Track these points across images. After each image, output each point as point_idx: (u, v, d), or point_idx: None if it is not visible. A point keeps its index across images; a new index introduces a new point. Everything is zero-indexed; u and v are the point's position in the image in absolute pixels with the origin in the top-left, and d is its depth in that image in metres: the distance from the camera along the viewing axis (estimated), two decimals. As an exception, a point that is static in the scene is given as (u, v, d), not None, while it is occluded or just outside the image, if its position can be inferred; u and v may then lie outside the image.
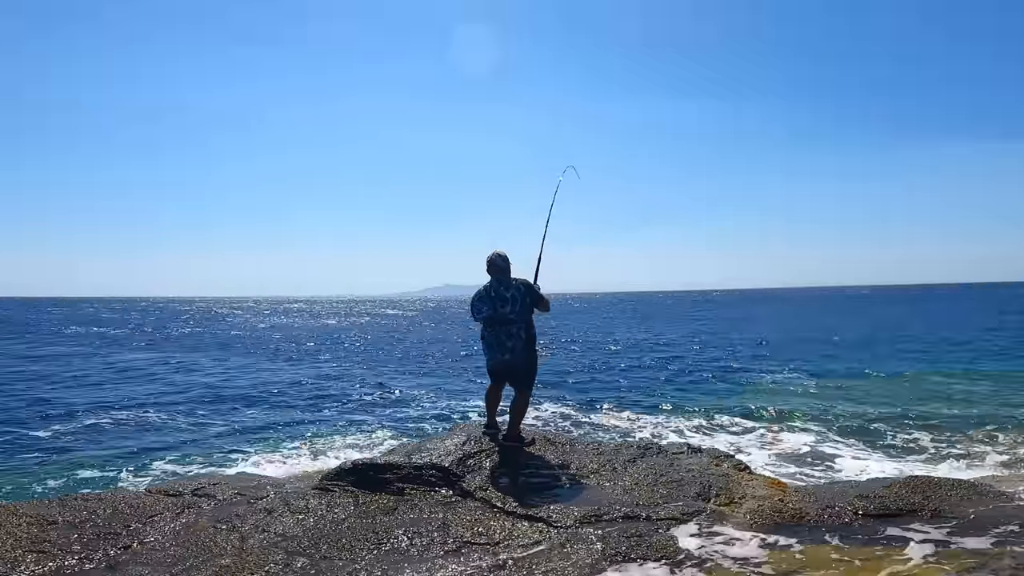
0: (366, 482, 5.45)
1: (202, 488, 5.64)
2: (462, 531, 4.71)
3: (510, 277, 6.17)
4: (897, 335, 36.19)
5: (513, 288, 6.13)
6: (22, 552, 4.35)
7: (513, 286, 6.14)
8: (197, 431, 14.10)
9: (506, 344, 6.14)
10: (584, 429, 13.86)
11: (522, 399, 6.31)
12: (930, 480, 5.68)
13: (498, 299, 6.11)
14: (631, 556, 4.32)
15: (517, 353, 6.18)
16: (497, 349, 6.18)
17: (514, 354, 6.18)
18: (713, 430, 13.56)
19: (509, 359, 6.20)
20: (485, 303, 6.14)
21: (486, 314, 6.14)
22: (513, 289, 6.13)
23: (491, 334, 6.19)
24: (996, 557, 4.10)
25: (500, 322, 6.12)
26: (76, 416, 15.61)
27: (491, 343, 6.21)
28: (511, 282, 6.15)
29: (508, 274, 6.18)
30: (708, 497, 5.34)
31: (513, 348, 6.16)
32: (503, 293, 6.11)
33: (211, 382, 21.95)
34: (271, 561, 4.25)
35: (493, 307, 6.11)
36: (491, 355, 6.25)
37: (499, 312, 6.10)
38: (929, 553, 4.31)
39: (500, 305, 6.10)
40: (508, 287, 6.13)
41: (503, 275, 6.16)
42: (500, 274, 6.17)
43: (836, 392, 18.00)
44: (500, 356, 6.19)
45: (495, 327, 6.15)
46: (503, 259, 6.19)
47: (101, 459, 11.66)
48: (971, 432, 12.48)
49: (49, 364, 27.07)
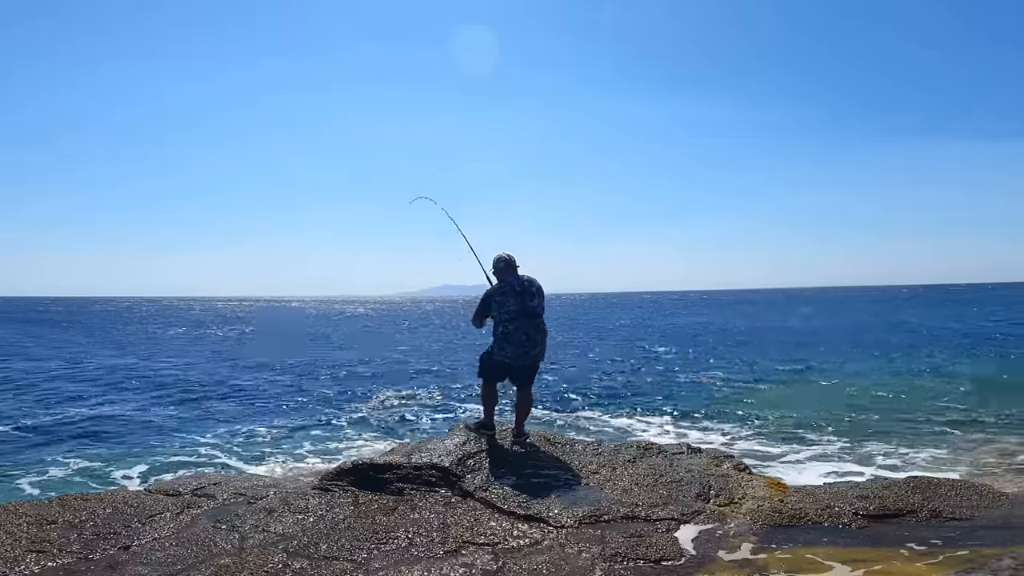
0: (366, 482, 5.45)
1: (202, 488, 5.64)
2: (462, 531, 4.71)
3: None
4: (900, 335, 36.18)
5: (536, 283, 6.14)
6: (22, 552, 4.35)
7: (533, 281, 6.14)
8: (197, 431, 14.09)
9: (535, 339, 6.10)
10: (584, 430, 13.86)
11: (529, 397, 6.35)
12: (929, 481, 5.68)
13: (526, 293, 6.04)
14: (631, 556, 4.32)
15: (543, 348, 6.21)
16: (526, 344, 6.06)
17: (541, 348, 6.20)
18: (713, 430, 13.56)
19: (537, 353, 6.19)
20: (511, 298, 6.02)
21: (514, 309, 6.01)
22: (536, 284, 6.14)
23: (518, 329, 6.02)
24: (996, 557, 4.10)
25: (530, 315, 6.05)
26: (77, 415, 15.61)
27: (518, 339, 6.04)
28: (529, 278, 6.16)
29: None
30: (708, 497, 5.35)
31: (541, 342, 6.17)
32: (528, 287, 6.07)
33: (210, 382, 21.94)
34: (271, 561, 4.25)
35: (522, 301, 6.02)
36: (515, 351, 6.07)
37: (528, 306, 6.03)
38: (929, 553, 4.31)
39: (529, 299, 6.05)
40: (532, 282, 6.12)
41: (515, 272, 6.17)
42: (515, 272, 6.17)
43: (837, 392, 18.00)
44: (528, 351, 6.10)
45: (522, 322, 6.03)
46: (513, 258, 6.20)
47: (101, 459, 11.66)
48: (971, 433, 12.48)
49: (50, 363, 27.09)
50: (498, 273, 6.21)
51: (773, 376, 21.68)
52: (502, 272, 6.18)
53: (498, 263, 6.21)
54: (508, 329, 6.05)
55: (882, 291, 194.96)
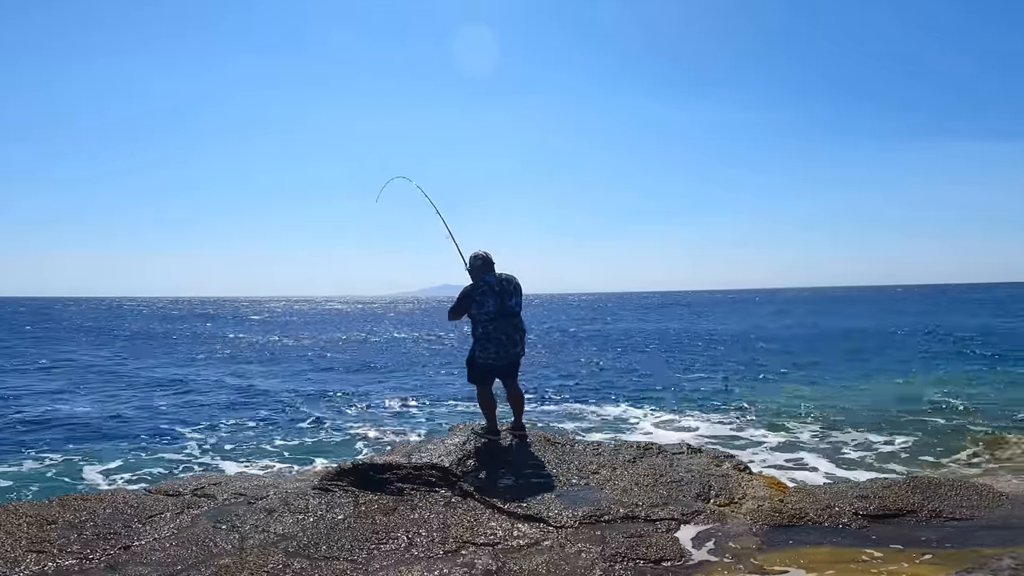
0: (366, 482, 5.45)
1: (202, 488, 5.64)
2: (462, 531, 4.71)
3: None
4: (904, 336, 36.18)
5: (514, 282, 6.16)
6: (22, 552, 4.35)
7: (511, 279, 6.16)
8: (197, 431, 14.09)
9: (515, 337, 6.14)
10: (584, 429, 13.86)
11: (518, 389, 6.41)
12: (930, 480, 5.69)
13: (504, 292, 6.07)
14: (631, 556, 4.32)
15: (523, 345, 6.26)
16: (508, 343, 6.11)
17: (522, 346, 6.24)
18: (713, 430, 13.55)
19: (518, 351, 6.23)
20: (490, 297, 6.03)
21: (493, 309, 6.03)
22: (514, 282, 6.15)
23: (497, 329, 6.06)
24: (996, 557, 4.10)
25: (508, 315, 6.08)
26: (77, 415, 15.62)
27: (499, 338, 6.07)
28: (507, 276, 6.17)
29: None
30: (708, 497, 5.35)
31: (521, 341, 6.21)
32: (507, 286, 6.10)
33: (208, 382, 21.95)
34: (271, 561, 4.25)
35: (500, 300, 6.05)
36: (499, 350, 6.10)
37: (506, 305, 6.06)
38: (929, 553, 4.32)
39: (507, 298, 6.07)
40: (509, 280, 6.14)
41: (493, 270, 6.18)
42: (492, 270, 6.17)
43: (838, 392, 18.00)
44: (511, 350, 6.15)
45: (502, 321, 6.06)
46: (490, 255, 6.22)
47: (101, 459, 11.66)
48: (971, 433, 12.47)
49: (52, 363, 27.09)
50: (475, 271, 6.19)
51: (777, 376, 21.67)
52: (479, 270, 6.16)
53: (475, 261, 6.19)
54: (488, 329, 6.08)
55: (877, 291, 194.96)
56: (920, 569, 4.09)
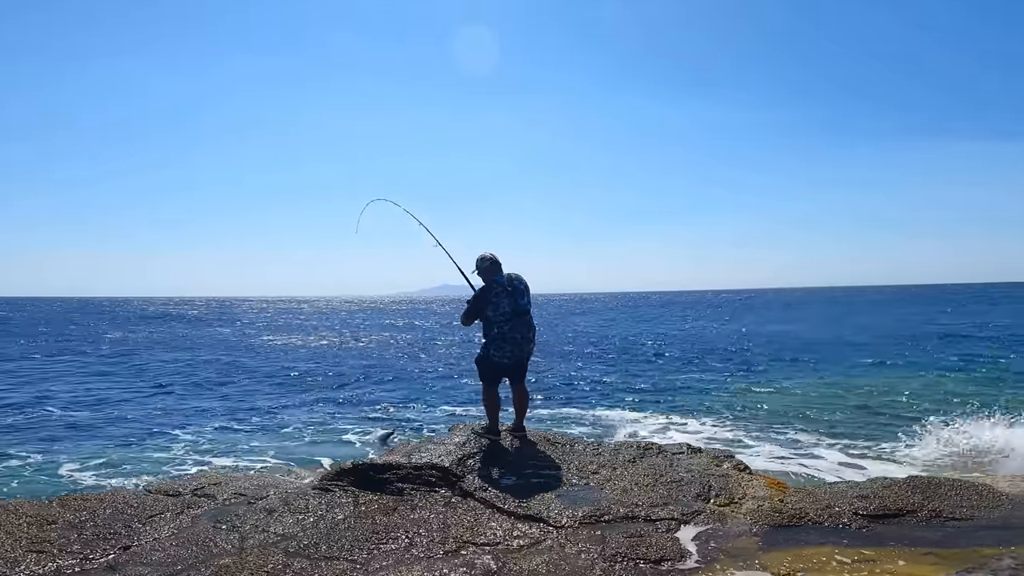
0: (366, 482, 5.45)
1: (202, 488, 5.64)
2: (462, 531, 4.71)
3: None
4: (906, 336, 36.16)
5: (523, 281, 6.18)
6: (22, 552, 4.35)
7: (520, 279, 6.18)
8: (197, 431, 14.09)
9: (528, 336, 6.19)
10: (584, 429, 13.87)
11: (525, 390, 6.43)
12: (930, 480, 5.68)
13: (516, 292, 6.10)
14: (631, 556, 4.32)
15: (535, 343, 6.32)
16: (521, 343, 6.15)
17: (533, 344, 6.30)
18: (713, 430, 13.56)
19: (530, 349, 6.30)
20: (504, 298, 6.05)
21: (508, 309, 6.06)
22: (523, 282, 6.18)
23: (513, 329, 6.09)
24: (996, 557, 4.10)
25: (522, 314, 6.12)
26: (78, 415, 15.62)
27: (514, 338, 6.10)
28: (515, 275, 6.19)
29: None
30: (708, 497, 5.35)
31: (533, 339, 6.26)
32: (518, 286, 6.12)
33: (207, 383, 21.95)
34: (271, 561, 4.25)
35: (514, 301, 6.08)
36: (513, 350, 6.14)
37: (520, 305, 6.10)
38: (929, 553, 4.32)
39: (519, 298, 6.10)
40: (519, 280, 6.17)
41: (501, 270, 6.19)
42: (501, 270, 6.19)
43: (839, 392, 17.99)
44: (524, 348, 6.20)
45: (516, 321, 6.09)
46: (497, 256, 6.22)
47: (101, 459, 11.66)
48: (972, 433, 12.46)
49: (53, 364, 27.09)
50: (484, 273, 6.19)
51: (777, 376, 21.67)
52: (488, 272, 6.16)
53: (483, 262, 6.18)
54: (504, 330, 6.10)
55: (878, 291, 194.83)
56: (920, 569, 4.09)
